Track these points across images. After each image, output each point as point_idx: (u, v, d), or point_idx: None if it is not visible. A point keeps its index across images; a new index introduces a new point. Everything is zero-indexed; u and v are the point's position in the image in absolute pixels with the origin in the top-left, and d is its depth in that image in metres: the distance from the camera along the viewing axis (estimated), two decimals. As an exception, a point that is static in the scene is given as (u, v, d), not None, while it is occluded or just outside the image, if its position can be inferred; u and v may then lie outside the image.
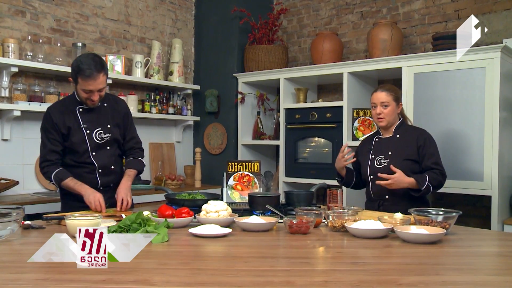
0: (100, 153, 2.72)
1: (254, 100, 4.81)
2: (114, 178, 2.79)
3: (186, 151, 5.08)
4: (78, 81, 2.54)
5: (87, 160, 2.69)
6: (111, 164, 2.78)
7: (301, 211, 2.22)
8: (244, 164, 2.86)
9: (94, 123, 2.70)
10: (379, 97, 2.80)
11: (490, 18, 3.78)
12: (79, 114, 2.68)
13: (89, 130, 2.68)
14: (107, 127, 2.74)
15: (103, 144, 2.73)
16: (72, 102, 2.71)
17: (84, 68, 2.48)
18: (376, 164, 2.79)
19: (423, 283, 1.35)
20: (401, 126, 2.85)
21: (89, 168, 2.71)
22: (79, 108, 2.69)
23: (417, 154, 2.72)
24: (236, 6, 4.61)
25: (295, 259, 1.68)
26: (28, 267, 1.48)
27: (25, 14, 3.83)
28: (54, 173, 2.60)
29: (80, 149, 2.67)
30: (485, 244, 2.04)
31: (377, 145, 2.86)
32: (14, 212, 1.89)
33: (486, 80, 3.26)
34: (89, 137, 2.68)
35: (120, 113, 2.82)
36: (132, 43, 4.61)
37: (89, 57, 2.55)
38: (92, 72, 2.49)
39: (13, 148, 3.73)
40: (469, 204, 3.81)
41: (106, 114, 2.76)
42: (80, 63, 2.51)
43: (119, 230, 1.88)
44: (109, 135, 2.74)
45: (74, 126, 2.66)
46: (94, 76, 2.50)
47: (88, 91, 2.56)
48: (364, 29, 4.50)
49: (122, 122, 2.82)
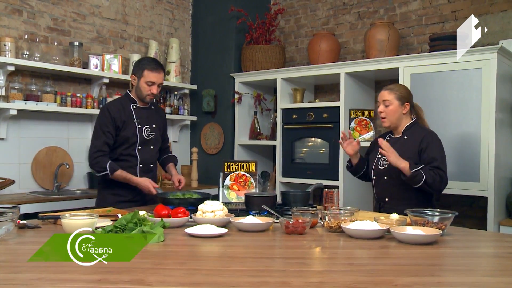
0: (145, 149, 3.00)
1: (251, 100, 4.81)
2: (151, 175, 3.03)
3: (183, 151, 5.07)
4: (143, 74, 2.90)
5: (132, 153, 2.96)
6: (151, 162, 3.07)
7: (297, 211, 2.22)
8: (241, 164, 2.86)
9: (144, 120, 3.00)
10: (382, 95, 2.76)
11: (487, 19, 3.78)
12: (133, 110, 2.98)
13: (140, 125, 2.98)
14: (153, 127, 3.05)
15: (149, 142, 3.02)
16: (126, 100, 3.02)
17: (151, 62, 2.94)
18: (379, 165, 2.76)
19: (419, 284, 1.35)
20: (411, 127, 2.74)
21: (131, 162, 2.96)
22: (133, 105, 3.00)
23: (418, 158, 2.61)
24: (234, 6, 4.60)
25: (291, 259, 1.68)
26: (23, 267, 1.47)
27: (22, 13, 3.82)
28: (109, 163, 2.85)
29: (130, 141, 2.94)
30: (481, 245, 2.05)
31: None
32: (9, 211, 1.88)
33: (482, 81, 3.27)
34: (140, 132, 2.97)
35: (162, 118, 3.19)
36: (129, 43, 4.60)
37: (151, 58, 3.05)
38: (158, 66, 2.94)
39: (10, 147, 3.72)
40: (465, 205, 3.82)
41: (153, 115, 3.09)
42: (146, 61, 2.96)
43: (114, 229, 1.88)
44: (153, 134, 3.05)
45: (128, 120, 2.95)
46: (159, 70, 2.93)
47: (151, 83, 2.91)
48: (361, 30, 4.50)
49: (162, 126, 3.18)
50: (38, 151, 3.87)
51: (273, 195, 2.54)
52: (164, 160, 3.28)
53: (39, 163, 3.86)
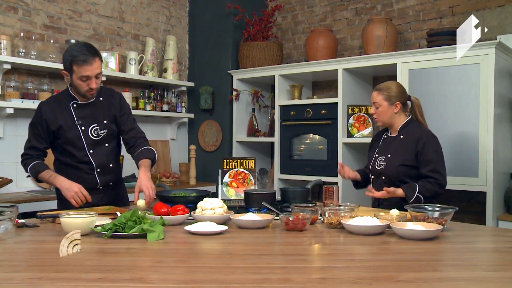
0: (98, 151, 2.61)
1: (248, 97, 4.80)
2: (113, 176, 2.71)
3: (180, 149, 5.06)
4: (73, 70, 2.43)
5: (85, 159, 2.58)
6: (109, 162, 2.67)
7: (297, 208, 2.21)
8: (239, 161, 2.85)
9: (89, 119, 2.59)
10: (372, 96, 2.76)
11: (485, 14, 3.78)
12: (73, 110, 2.57)
13: (84, 127, 2.57)
14: (104, 123, 2.62)
15: (100, 141, 2.61)
16: (65, 97, 2.59)
17: (78, 54, 2.40)
18: (376, 166, 2.74)
19: (421, 280, 1.35)
20: (407, 126, 2.71)
21: (86, 168, 2.60)
22: (73, 103, 2.57)
23: (414, 159, 2.60)
24: (230, 3, 4.59)
25: (292, 256, 1.68)
26: (22, 266, 1.46)
27: (18, 10, 3.79)
28: (31, 166, 2.54)
29: (76, 146, 2.56)
30: (481, 240, 2.05)
31: (383, 144, 2.80)
32: (7, 211, 1.87)
33: (480, 76, 3.26)
34: (85, 134, 2.57)
35: (116, 106, 2.67)
36: (126, 40, 4.58)
37: (79, 45, 2.49)
38: (87, 56, 2.41)
39: (6, 146, 3.70)
40: (464, 200, 3.82)
41: (102, 108, 2.63)
42: (73, 51, 2.43)
43: (114, 228, 1.87)
44: (105, 131, 2.62)
45: (68, 123, 2.55)
46: (90, 60, 2.41)
47: (85, 78, 2.44)
48: (358, 26, 4.49)
49: (119, 115, 2.68)
50: (35, 149, 3.85)
51: (273, 192, 2.54)
52: (135, 158, 2.67)
53: (36, 162, 3.84)
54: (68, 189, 2.44)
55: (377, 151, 2.78)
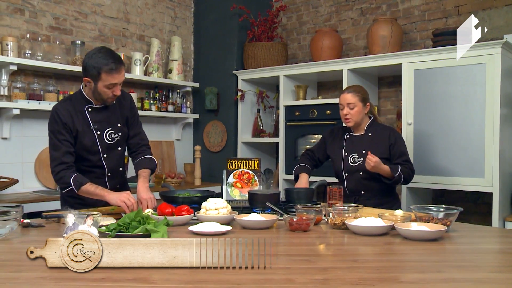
0: (111, 155, 2.58)
1: (253, 98, 4.80)
2: (120, 179, 2.70)
3: (185, 149, 5.07)
4: (101, 78, 2.38)
5: (98, 163, 2.55)
6: (119, 166, 2.66)
7: (301, 208, 2.21)
8: (244, 162, 2.85)
9: (104, 123, 2.55)
10: (345, 98, 2.89)
11: (491, 13, 3.76)
12: (88, 114, 2.51)
13: (100, 131, 2.53)
14: (118, 126, 2.59)
15: (114, 145, 2.59)
16: (79, 101, 2.52)
17: (107, 63, 2.36)
18: (350, 162, 2.88)
19: (425, 280, 1.34)
20: (372, 125, 2.95)
21: (98, 173, 2.56)
22: (88, 107, 2.52)
23: (388, 152, 2.85)
24: (235, 3, 4.59)
25: (296, 256, 1.67)
26: (27, 265, 1.47)
27: (24, 12, 3.81)
28: (73, 178, 2.39)
29: (90, 151, 2.51)
30: (486, 241, 2.03)
31: (349, 143, 2.95)
32: (13, 211, 1.88)
33: (486, 76, 3.25)
34: (100, 139, 2.53)
35: (126, 108, 2.64)
36: (131, 41, 4.60)
37: (104, 51, 2.42)
38: (116, 65, 2.38)
39: (13, 147, 3.72)
40: (470, 201, 3.80)
41: (115, 111, 2.59)
42: (99, 58, 2.37)
43: (118, 228, 1.87)
44: (119, 135, 2.59)
45: (84, 127, 2.49)
46: (119, 69, 2.40)
47: (112, 86, 2.41)
48: (363, 26, 4.48)
49: (131, 117, 2.66)
50: (41, 150, 3.86)
51: (277, 192, 2.53)
52: (136, 166, 2.68)
53: (42, 162, 3.86)
54: (119, 197, 2.37)
55: (345, 150, 2.93)
